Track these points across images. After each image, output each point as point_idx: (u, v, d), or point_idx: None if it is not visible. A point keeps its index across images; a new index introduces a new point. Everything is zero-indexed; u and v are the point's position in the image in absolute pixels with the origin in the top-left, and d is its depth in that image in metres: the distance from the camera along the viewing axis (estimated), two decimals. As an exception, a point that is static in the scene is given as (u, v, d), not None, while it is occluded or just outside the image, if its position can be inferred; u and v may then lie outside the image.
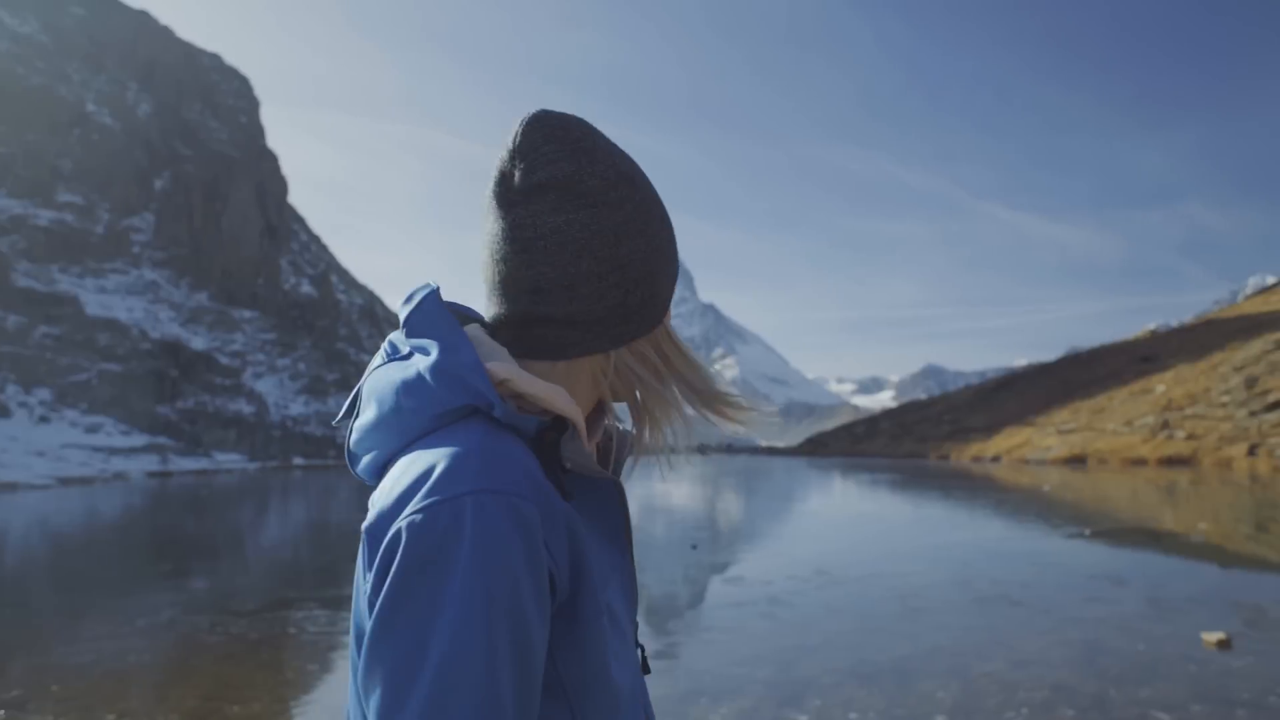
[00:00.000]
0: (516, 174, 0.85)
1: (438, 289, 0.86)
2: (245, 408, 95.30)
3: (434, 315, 0.83)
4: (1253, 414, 31.23)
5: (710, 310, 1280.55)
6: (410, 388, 0.80)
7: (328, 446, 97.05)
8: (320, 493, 36.32)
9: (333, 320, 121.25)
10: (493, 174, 0.88)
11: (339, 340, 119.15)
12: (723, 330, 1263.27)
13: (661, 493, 27.95)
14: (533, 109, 0.89)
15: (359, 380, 0.87)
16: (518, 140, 0.86)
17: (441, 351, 0.80)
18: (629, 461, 0.97)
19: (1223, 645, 6.51)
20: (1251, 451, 27.51)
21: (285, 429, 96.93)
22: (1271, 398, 31.69)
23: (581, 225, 0.84)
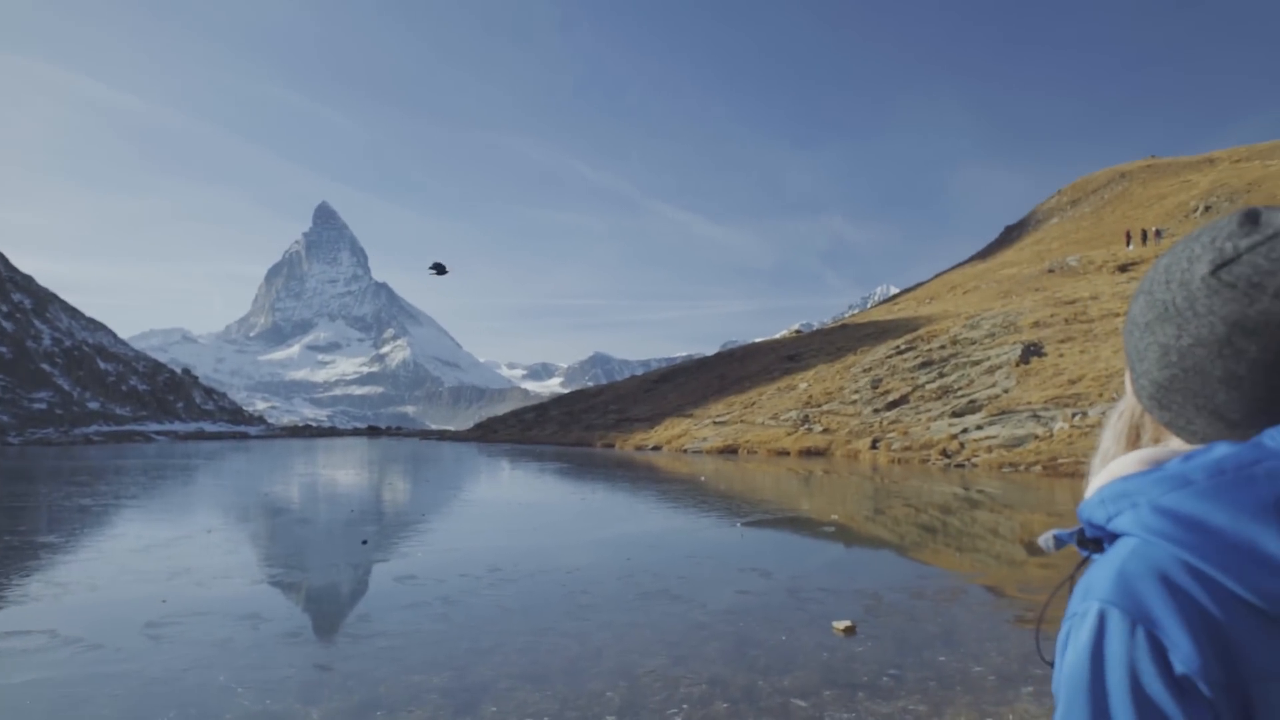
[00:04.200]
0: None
1: None
2: None
3: None
4: (876, 411, 35.08)
5: (383, 289, 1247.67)
6: None
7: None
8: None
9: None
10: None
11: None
12: (395, 310, 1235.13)
13: (328, 480, 27.00)
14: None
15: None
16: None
17: None
18: None
19: (849, 632, 7.36)
20: (874, 445, 30.87)
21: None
22: (891, 397, 35.75)
23: None
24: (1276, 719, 0.80)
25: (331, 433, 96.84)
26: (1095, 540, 0.96)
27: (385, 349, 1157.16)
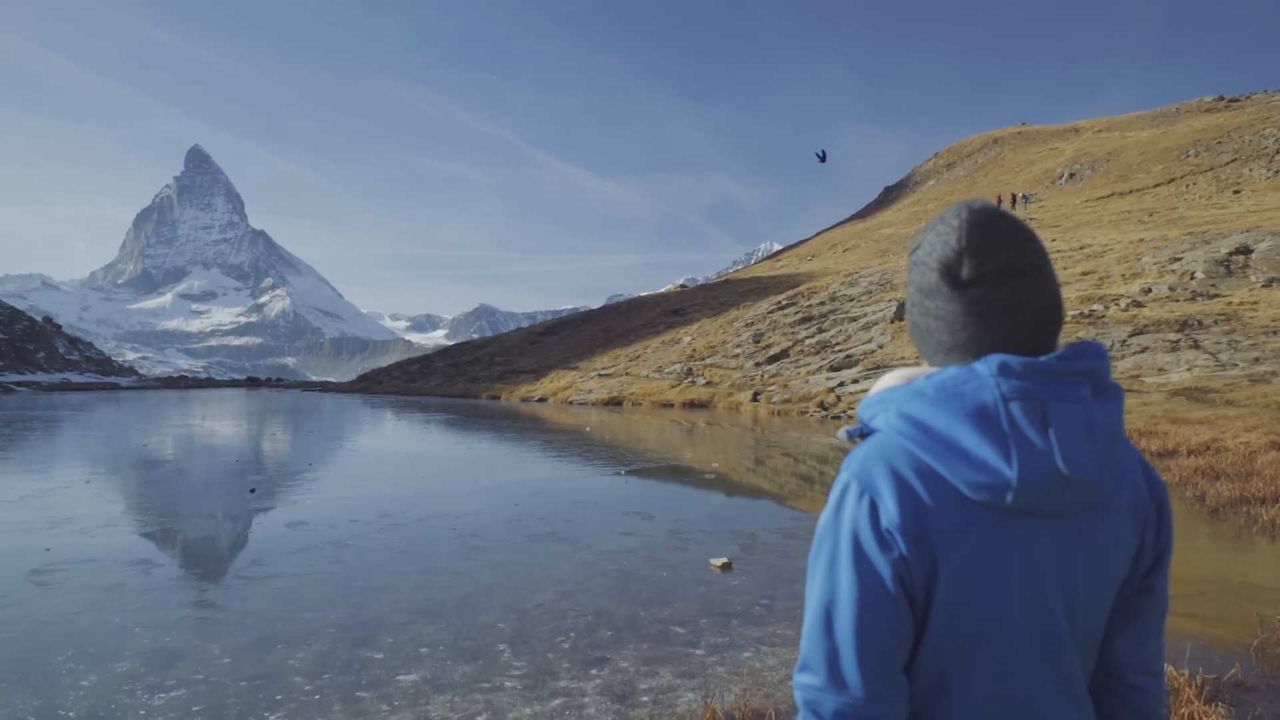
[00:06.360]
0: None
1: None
2: None
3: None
4: (757, 365, 36.03)
5: (261, 237, 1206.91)
6: None
7: None
8: None
9: None
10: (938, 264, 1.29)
11: None
12: (274, 259, 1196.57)
13: (209, 431, 26.48)
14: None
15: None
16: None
17: None
18: None
19: (725, 568, 7.88)
20: (755, 397, 31.73)
21: None
22: (771, 351, 36.76)
23: None
24: (954, 559, 1.19)
25: (209, 384, 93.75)
26: (867, 434, 1.35)
27: (263, 299, 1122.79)
